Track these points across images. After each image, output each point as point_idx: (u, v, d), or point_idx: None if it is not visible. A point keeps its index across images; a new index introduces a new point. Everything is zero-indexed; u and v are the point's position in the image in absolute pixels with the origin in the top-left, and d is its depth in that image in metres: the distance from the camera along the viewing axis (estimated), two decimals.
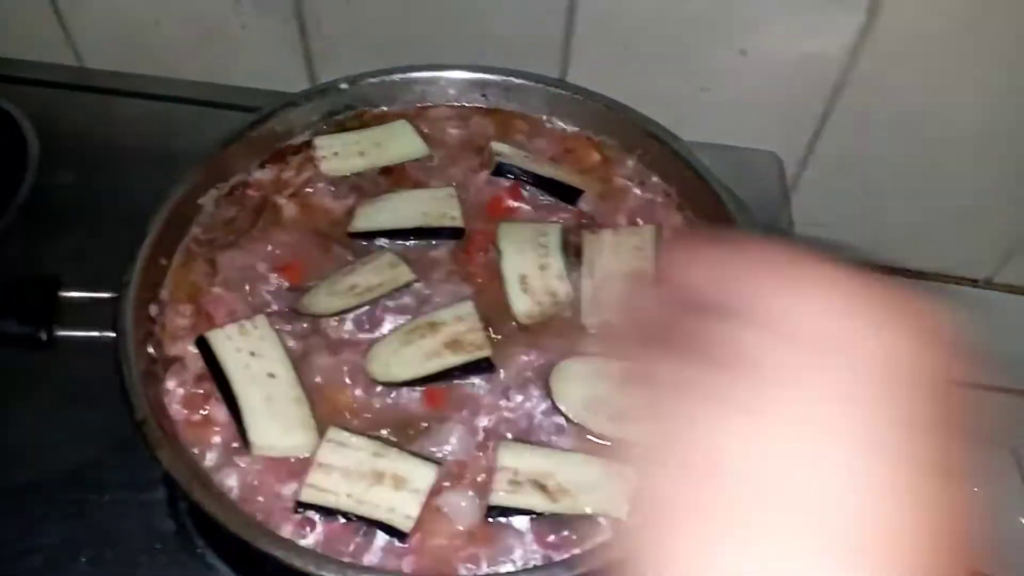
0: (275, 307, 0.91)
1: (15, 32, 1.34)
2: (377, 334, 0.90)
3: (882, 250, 1.43)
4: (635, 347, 0.46)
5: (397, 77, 1.07)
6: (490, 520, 0.80)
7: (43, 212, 1.16)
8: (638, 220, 1.01)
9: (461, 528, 0.79)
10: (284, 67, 1.32)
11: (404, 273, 0.93)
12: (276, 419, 0.83)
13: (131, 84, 1.31)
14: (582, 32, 1.23)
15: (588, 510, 0.80)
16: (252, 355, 0.86)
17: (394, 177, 1.03)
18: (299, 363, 0.87)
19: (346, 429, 0.83)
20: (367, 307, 0.91)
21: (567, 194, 1.02)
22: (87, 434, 0.96)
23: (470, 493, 0.81)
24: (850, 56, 1.18)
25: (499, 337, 0.90)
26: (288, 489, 0.81)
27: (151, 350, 0.88)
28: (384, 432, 0.84)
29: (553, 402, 0.86)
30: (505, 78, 1.08)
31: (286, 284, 0.93)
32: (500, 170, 1.03)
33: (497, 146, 1.05)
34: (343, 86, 1.06)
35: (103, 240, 0.92)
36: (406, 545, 0.78)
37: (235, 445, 0.83)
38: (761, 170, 1.26)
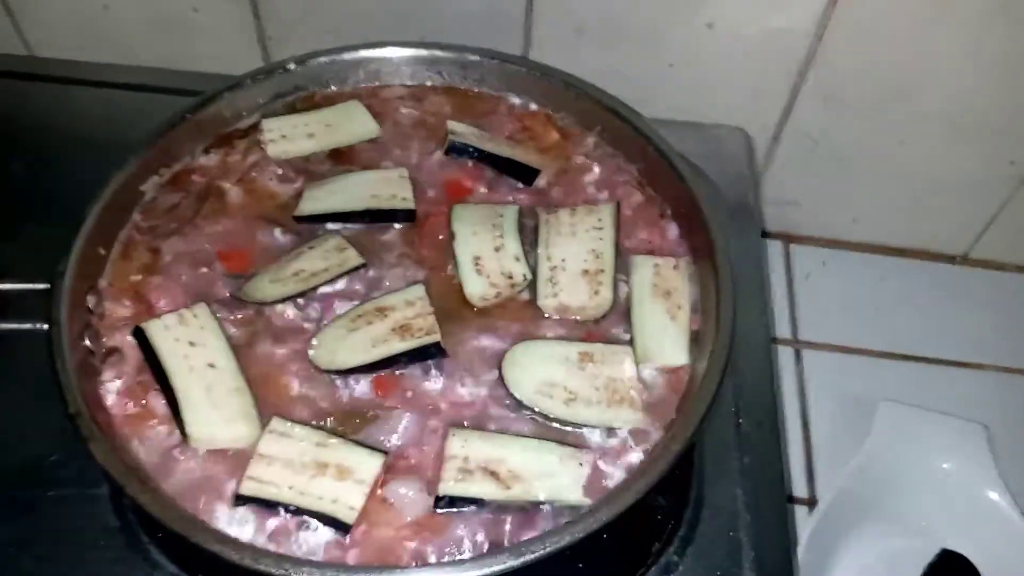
0: (218, 295, 0.88)
1: None
2: (324, 321, 0.87)
3: (857, 228, 1.40)
4: None
5: (347, 56, 1.04)
6: (438, 510, 0.77)
7: None
8: (598, 199, 0.98)
9: (408, 519, 0.76)
10: (238, 51, 1.29)
11: (352, 257, 0.90)
12: (216, 410, 0.80)
13: (82, 72, 1.28)
14: (543, 8, 1.20)
15: (542, 496, 0.77)
16: (192, 345, 0.83)
17: (345, 159, 1.00)
18: (242, 352, 0.84)
19: (289, 420, 0.80)
20: (313, 293, 0.88)
21: (523, 174, 0.99)
22: (32, 429, 0.93)
23: (418, 483, 0.78)
24: (818, 28, 1.15)
25: (452, 322, 0.87)
26: (229, 482, 0.78)
27: (88, 342, 0.85)
28: (329, 422, 0.81)
29: (506, 387, 0.83)
30: (459, 55, 1.05)
31: (229, 271, 0.90)
32: (454, 149, 1.00)
33: (452, 125, 1.02)
34: (291, 66, 1.03)
35: (47, 230, 0.89)
36: (348, 538, 0.75)
37: (175, 438, 0.80)
38: (730, 147, 1.23)
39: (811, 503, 1.14)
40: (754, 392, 0.98)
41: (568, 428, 0.82)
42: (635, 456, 0.80)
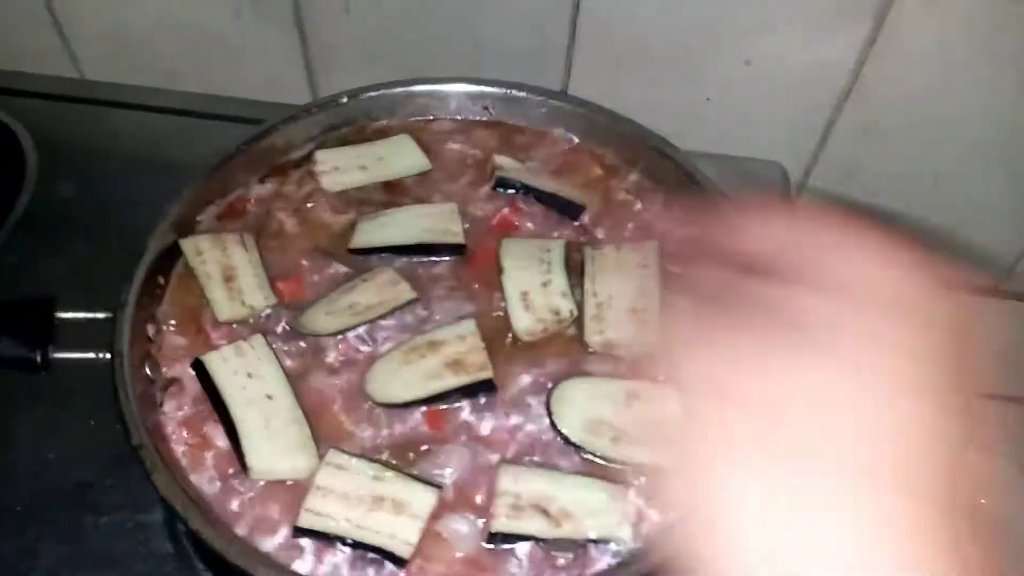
0: (273, 326, 0.90)
1: (14, 44, 1.33)
2: (376, 353, 0.89)
3: None
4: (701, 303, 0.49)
5: (399, 90, 1.06)
6: (491, 546, 0.78)
7: (41, 226, 1.15)
8: (641, 235, 0.99)
9: (460, 554, 0.78)
10: (284, 77, 1.31)
11: (404, 291, 0.92)
12: (274, 441, 0.82)
13: (130, 96, 1.31)
14: (584, 43, 1.22)
15: (592, 535, 0.79)
16: (249, 376, 0.85)
17: (395, 192, 1.02)
18: (297, 383, 0.86)
19: (345, 452, 0.82)
20: (366, 326, 0.90)
21: (569, 209, 1.01)
22: (85, 454, 0.96)
23: (471, 518, 0.80)
24: (856, 65, 1.17)
25: (500, 356, 0.89)
26: (287, 513, 0.80)
27: (148, 371, 0.87)
28: (384, 455, 0.83)
29: (554, 423, 0.84)
30: (507, 91, 1.07)
31: (285, 302, 0.92)
32: (501, 184, 1.02)
33: (499, 159, 1.04)
34: (344, 100, 1.05)
35: (101, 255, 0.92)
36: (404, 572, 0.77)
37: (233, 469, 0.82)
38: (766, 180, 1.25)
39: None
40: None
41: (616, 466, 0.83)
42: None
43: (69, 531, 0.93)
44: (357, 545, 0.77)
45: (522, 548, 0.78)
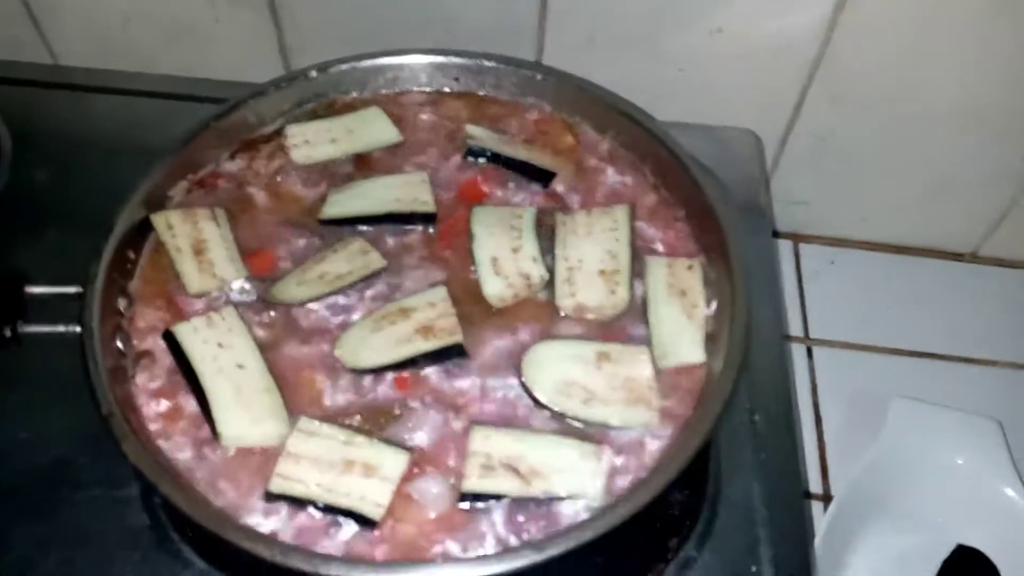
0: (244, 297, 0.90)
1: None
2: (348, 321, 0.89)
3: (865, 226, 1.42)
4: None
5: (367, 63, 1.06)
6: (463, 506, 0.79)
7: (16, 210, 1.15)
8: (612, 201, 1.00)
9: (433, 515, 0.78)
10: (259, 60, 1.31)
11: (375, 259, 0.92)
12: (246, 410, 0.82)
13: (105, 80, 1.30)
14: (554, 18, 1.22)
15: (562, 492, 0.79)
16: (220, 346, 0.85)
17: (366, 164, 1.02)
18: (269, 352, 0.86)
19: (316, 418, 0.82)
20: (337, 294, 0.90)
21: (540, 176, 1.01)
22: (59, 431, 0.95)
23: (441, 479, 0.80)
24: (826, 30, 1.17)
25: (471, 321, 0.89)
26: (259, 479, 0.80)
27: (119, 344, 0.87)
28: (355, 420, 0.83)
29: (525, 386, 0.85)
30: (476, 61, 1.07)
31: (255, 274, 0.92)
32: (472, 152, 1.02)
33: (471, 128, 1.04)
34: (312, 74, 1.05)
35: (75, 236, 0.91)
36: (376, 533, 0.77)
37: (205, 437, 0.82)
38: (740, 149, 1.25)
39: (825, 499, 1.16)
40: (768, 389, 1.00)
41: (586, 426, 0.84)
42: (652, 453, 0.82)
43: (45, 510, 0.92)
44: (328, 509, 0.78)
45: (493, 507, 0.79)
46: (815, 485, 1.18)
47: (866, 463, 1.12)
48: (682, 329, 0.89)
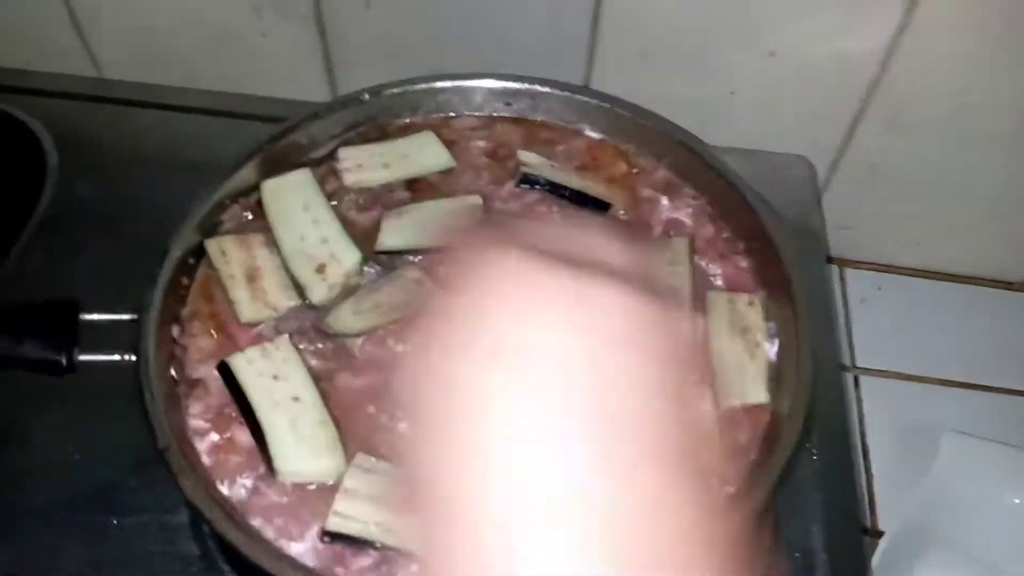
0: (298, 326, 0.89)
1: (33, 44, 1.32)
2: (405, 353, 0.87)
3: (913, 252, 1.40)
4: None
5: (421, 87, 1.05)
6: None
7: (63, 227, 1.15)
8: (670, 232, 0.98)
9: None
10: (305, 75, 1.30)
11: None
12: (302, 444, 0.81)
13: (151, 95, 1.30)
14: (605, 35, 1.20)
15: None
16: (275, 378, 0.84)
17: (419, 189, 1.01)
18: (324, 384, 0.85)
19: (373, 454, 0.81)
20: (392, 326, 0.89)
21: (595, 206, 0.99)
22: (109, 454, 0.95)
23: None
24: (885, 55, 1.15)
25: None
26: (315, 517, 0.79)
27: (173, 373, 0.86)
28: None
29: None
30: (530, 86, 1.05)
31: (310, 302, 0.91)
32: (525, 180, 1.00)
33: (524, 155, 1.02)
34: (365, 97, 1.03)
35: (124, 256, 0.91)
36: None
37: (260, 471, 0.81)
38: (791, 174, 1.24)
39: (875, 534, 1.14)
40: (827, 424, 0.99)
41: None
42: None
43: (93, 532, 0.92)
44: (387, 549, 0.76)
45: None
46: (864, 519, 1.16)
47: (917, 498, 1.10)
48: (745, 368, 0.87)
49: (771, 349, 0.89)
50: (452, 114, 1.07)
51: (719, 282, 0.95)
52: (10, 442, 0.98)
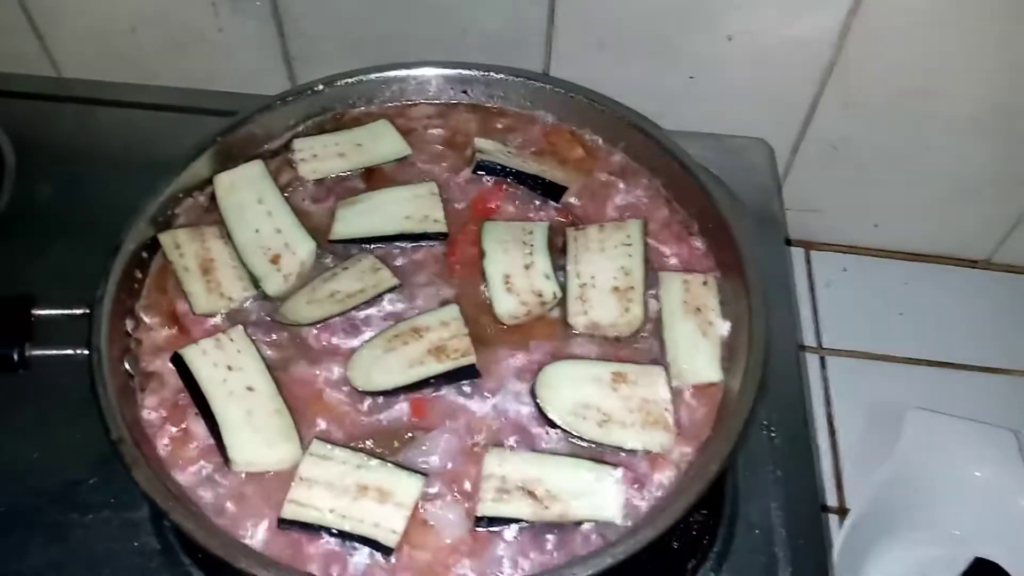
0: (253, 317, 0.89)
1: None
2: (359, 341, 0.88)
3: (878, 234, 1.40)
4: None
5: (374, 76, 1.05)
6: (479, 531, 0.77)
7: (21, 226, 1.14)
8: (625, 215, 0.98)
9: (449, 540, 0.77)
10: (263, 69, 1.30)
11: (386, 278, 0.91)
12: (257, 433, 0.81)
13: (109, 93, 1.29)
14: (563, 24, 1.20)
15: (580, 515, 0.78)
16: (229, 369, 0.83)
17: (375, 178, 1.01)
18: (279, 373, 0.85)
19: (328, 442, 0.81)
20: (348, 313, 0.89)
21: (551, 191, 0.99)
22: (67, 453, 0.95)
23: (458, 504, 0.79)
24: (839, 37, 1.16)
25: (484, 340, 0.88)
26: (271, 505, 0.79)
27: (127, 366, 0.85)
28: (368, 443, 0.82)
29: (539, 407, 0.83)
30: (485, 73, 1.05)
31: (264, 292, 0.91)
32: (482, 167, 1.00)
33: (480, 142, 1.02)
34: (319, 87, 1.03)
35: (81, 254, 0.90)
36: (392, 560, 0.76)
37: (216, 461, 0.81)
38: (752, 158, 1.24)
39: (841, 512, 1.14)
40: (784, 402, 0.99)
41: (603, 448, 0.82)
42: (670, 476, 0.81)
43: (56, 531, 0.91)
44: (342, 535, 0.76)
45: (510, 532, 0.77)
46: (830, 497, 1.16)
47: (882, 476, 1.11)
48: (698, 347, 0.87)
49: (724, 328, 0.89)
50: (408, 102, 1.06)
51: (674, 262, 0.95)
52: None
